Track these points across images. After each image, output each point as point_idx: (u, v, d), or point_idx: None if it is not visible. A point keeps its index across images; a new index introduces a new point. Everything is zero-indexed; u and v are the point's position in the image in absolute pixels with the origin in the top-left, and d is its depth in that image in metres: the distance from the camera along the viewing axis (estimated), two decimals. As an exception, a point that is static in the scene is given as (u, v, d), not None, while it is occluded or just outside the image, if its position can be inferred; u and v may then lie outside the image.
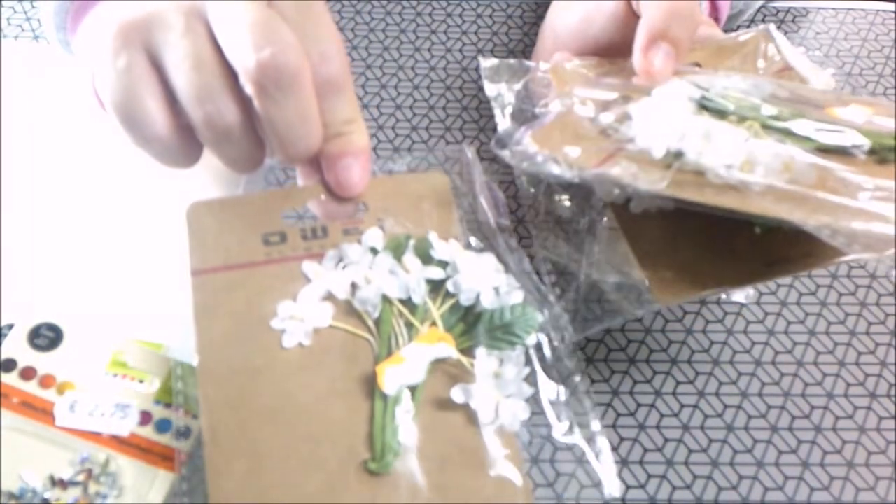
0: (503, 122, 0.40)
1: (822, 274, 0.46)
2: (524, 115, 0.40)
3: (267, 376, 0.34)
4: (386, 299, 0.35)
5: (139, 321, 0.41)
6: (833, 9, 0.60)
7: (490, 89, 0.41)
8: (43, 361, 0.37)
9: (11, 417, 0.35)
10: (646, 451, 0.39)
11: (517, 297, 0.35)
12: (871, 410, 0.41)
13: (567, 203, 0.40)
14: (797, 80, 0.40)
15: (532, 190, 0.41)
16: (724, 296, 0.44)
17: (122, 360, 0.38)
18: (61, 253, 0.43)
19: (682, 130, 0.33)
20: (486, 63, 0.42)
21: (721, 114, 0.34)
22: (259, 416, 0.33)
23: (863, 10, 0.60)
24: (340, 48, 0.35)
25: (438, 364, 0.35)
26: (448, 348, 0.34)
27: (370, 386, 0.34)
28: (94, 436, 0.35)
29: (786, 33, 0.58)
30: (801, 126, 0.33)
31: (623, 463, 0.39)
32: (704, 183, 0.32)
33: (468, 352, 0.35)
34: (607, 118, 0.36)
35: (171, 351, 0.39)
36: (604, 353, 0.42)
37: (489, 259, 0.37)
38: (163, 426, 0.36)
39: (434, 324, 0.35)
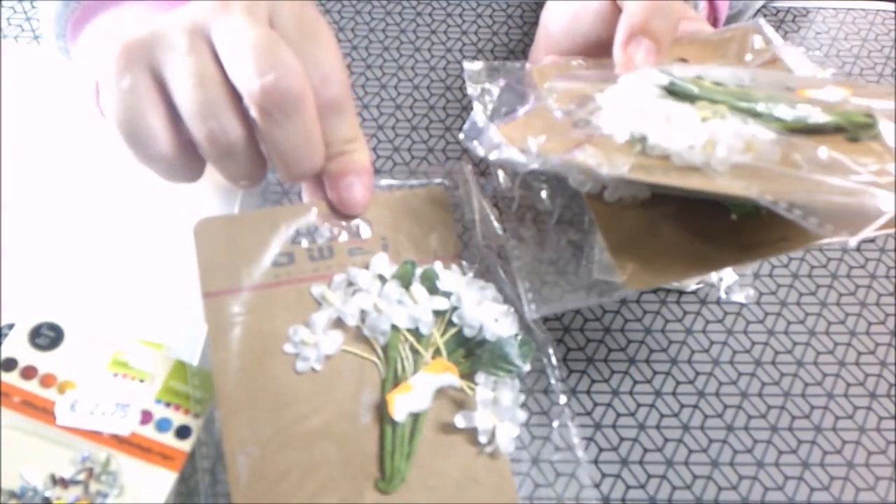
0: (483, 120, 0.40)
1: (822, 274, 0.46)
2: (503, 113, 0.40)
3: (282, 401, 0.35)
4: (394, 327, 0.37)
5: (140, 321, 0.41)
6: (833, 9, 0.60)
7: (472, 89, 0.41)
8: (44, 361, 0.37)
9: (12, 416, 0.35)
10: (646, 451, 0.39)
11: (515, 327, 0.37)
12: (871, 410, 0.41)
13: (543, 194, 0.41)
14: (784, 70, 0.40)
15: (502, 179, 0.41)
16: (723, 295, 0.44)
17: (122, 360, 0.38)
18: (62, 252, 0.43)
19: (645, 114, 0.33)
20: (470, 66, 0.42)
21: (689, 98, 0.34)
22: (277, 440, 0.35)
23: (863, 10, 0.60)
24: (341, 69, 0.35)
25: (441, 390, 0.36)
26: (452, 378, 0.36)
27: (379, 409, 0.36)
28: (95, 435, 0.35)
29: (786, 33, 0.58)
30: (768, 108, 0.32)
31: (623, 463, 0.39)
32: (670, 166, 0.32)
33: (468, 376, 0.37)
34: (579, 111, 0.36)
35: (171, 351, 0.39)
36: (604, 353, 0.42)
37: (489, 290, 0.38)
38: (163, 425, 0.36)
39: (438, 350, 0.37)
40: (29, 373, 0.37)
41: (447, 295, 0.37)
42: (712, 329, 0.43)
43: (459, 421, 0.36)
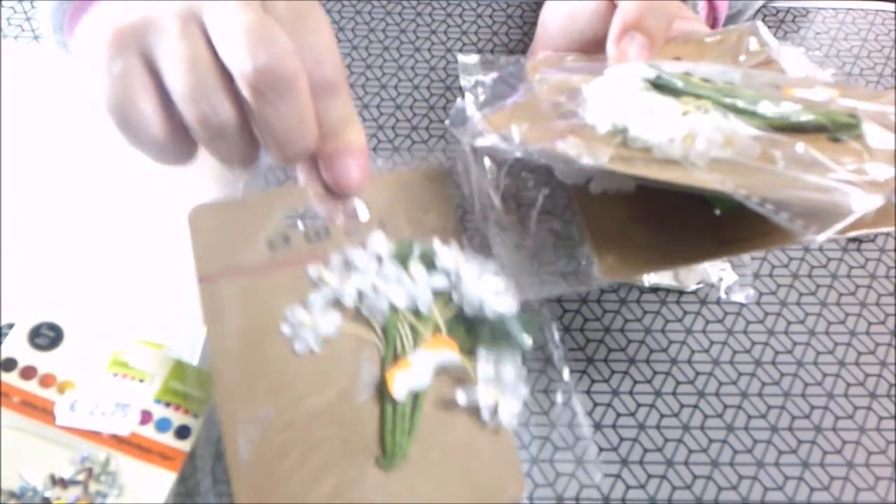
0: (471, 109, 0.40)
1: (822, 274, 0.46)
2: (495, 105, 0.40)
3: (281, 382, 0.35)
4: (392, 306, 0.36)
5: (140, 321, 0.41)
6: (833, 9, 0.60)
7: (465, 81, 0.41)
8: (43, 361, 0.37)
9: (12, 416, 0.35)
10: (646, 451, 0.39)
11: (515, 302, 0.37)
12: (871, 410, 0.41)
13: (530, 184, 0.41)
14: (778, 71, 0.40)
15: (489, 168, 0.42)
16: (723, 295, 0.44)
17: (122, 360, 0.38)
18: (62, 252, 0.43)
19: (628, 106, 0.34)
20: (465, 58, 0.42)
21: (674, 92, 0.34)
22: (276, 421, 0.35)
23: (863, 10, 0.60)
24: (334, 49, 0.35)
25: (442, 367, 0.36)
26: (452, 354, 0.36)
27: (379, 388, 0.36)
28: (95, 435, 0.35)
29: (786, 33, 0.58)
30: (751, 104, 0.33)
31: (623, 463, 0.39)
32: (650, 159, 0.32)
33: (469, 353, 0.36)
34: (567, 103, 0.37)
35: (171, 351, 0.39)
36: (604, 353, 0.42)
37: (489, 265, 0.38)
38: (163, 425, 0.36)
39: (438, 328, 0.36)
40: (28, 373, 0.37)
41: (446, 273, 0.37)
42: (712, 329, 0.43)
43: (461, 397, 0.35)
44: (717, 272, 0.45)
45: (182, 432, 0.36)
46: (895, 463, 0.39)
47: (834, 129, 0.31)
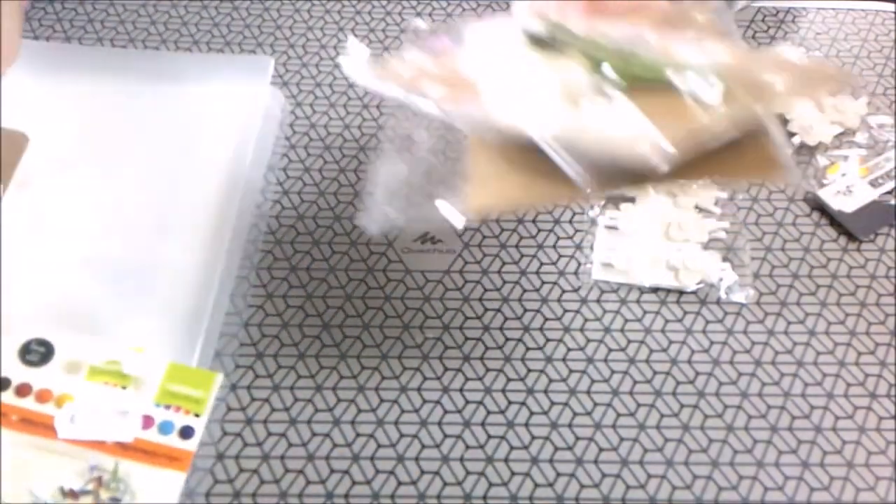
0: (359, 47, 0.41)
1: (822, 274, 0.46)
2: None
3: None
4: None
5: (137, 322, 0.40)
6: (833, 9, 0.60)
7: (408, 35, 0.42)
8: (37, 376, 0.37)
9: (13, 435, 0.35)
10: (646, 451, 0.39)
11: None
12: (871, 410, 0.41)
13: (428, 125, 0.42)
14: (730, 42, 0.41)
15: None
16: (723, 295, 0.44)
17: (114, 369, 0.37)
18: (54, 262, 0.43)
19: (492, 55, 0.36)
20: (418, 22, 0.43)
21: (546, 46, 0.36)
22: None
23: (863, 10, 0.60)
24: None
25: None
26: None
27: None
28: (100, 444, 0.35)
29: (786, 33, 0.58)
30: (619, 61, 0.35)
31: (623, 463, 0.39)
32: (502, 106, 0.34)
33: None
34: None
35: (164, 354, 0.38)
36: (604, 353, 0.42)
37: None
38: (166, 428, 0.36)
39: None
40: (24, 390, 0.36)
41: None
42: (712, 329, 0.44)
43: None
44: (718, 272, 0.45)
45: (186, 433, 0.36)
46: (895, 463, 0.39)
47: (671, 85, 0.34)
